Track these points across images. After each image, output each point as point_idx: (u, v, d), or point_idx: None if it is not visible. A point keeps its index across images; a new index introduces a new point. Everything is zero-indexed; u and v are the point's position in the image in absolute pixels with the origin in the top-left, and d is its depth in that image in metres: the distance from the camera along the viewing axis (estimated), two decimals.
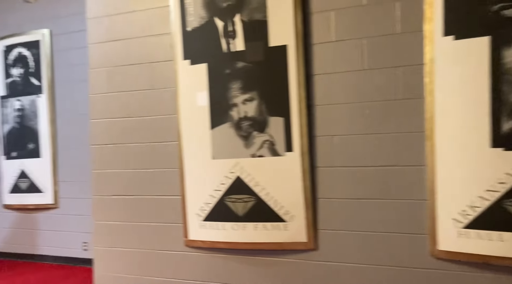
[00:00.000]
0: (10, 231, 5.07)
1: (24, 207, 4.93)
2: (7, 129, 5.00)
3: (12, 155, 4.97)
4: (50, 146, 4.78)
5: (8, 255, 5.08)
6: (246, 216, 2.61)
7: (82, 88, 4.61)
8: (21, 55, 4.85)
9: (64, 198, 4.77)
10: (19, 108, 4.91)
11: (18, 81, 4.91)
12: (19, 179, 4.93)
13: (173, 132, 2.85)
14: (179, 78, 2.80)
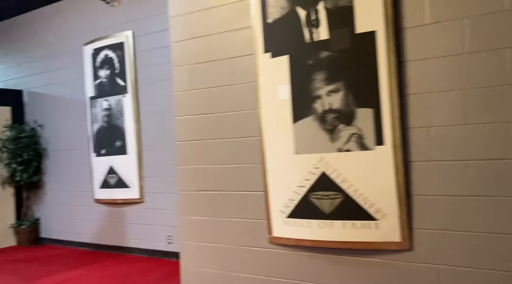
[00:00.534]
0: (100, 224, 5.41)
1: (113, 201, 5.23)
2: (96, 128, 5.33)
3: (101, 152, 5.28)
4: (135, 143, 5.00)
5: (99, 246, 5.43)
6: (333, 213, 2.49)
7: (163, 87, 4.79)
8: (108, 57, 5.13)
9: (149, 192, 4.97)
10: (106, 108, 5.20)
11: (105, 82, 5.20)
12: (108, 174, 5.24)
13: (254, 127, 2.81)
14: (259, 72, 2.74)
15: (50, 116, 5.93)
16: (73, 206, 5.69)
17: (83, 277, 4.27)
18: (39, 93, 6.03)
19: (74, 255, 5.28)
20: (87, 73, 5.38)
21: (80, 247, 5.62)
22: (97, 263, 4.79)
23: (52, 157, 5.92)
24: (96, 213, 5.44)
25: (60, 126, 5.82)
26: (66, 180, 5.77)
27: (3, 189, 5.88)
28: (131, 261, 4.81)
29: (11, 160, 5.68)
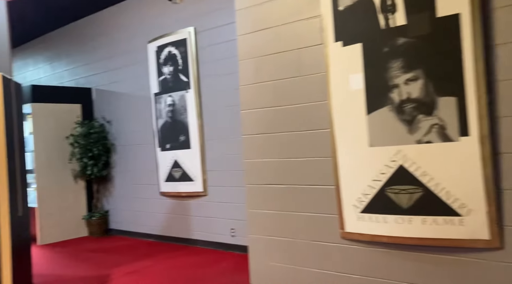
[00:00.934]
0: (165, 216, 5.58)
1: (177, 194, 5.37)
2: (161, 124, 5.48)
3: (166, 147, 5.43)
4: (198, 137, 5.09)
5: (165, 238, 5.60)
6: (411, 208, 2.36)
7: (225, 82, 4.82)
8: (171, 54, 5.25)
9: (212, 186, 5.04)
10: (170, 103, 5.33)
11: (169, 79, 5.33)
12: (172, 168, 5.38)
13: (324, 119, 2.73)
14: (330, 62, 2.66)
15: (117, 113, 6.19)
16: (139, 198, 5.92)
17: (151, 267, 4.42)
18: (106, 91, 6.31)
19: (142, 246, 5.49)
20: (151, 70, 5.54)
21: (147, 238, 5.83)
22: (164, 254, 4.94)
23: (120, 152, 6.19)
24: (162, 206, 5.61)
25: (127, 122, 6.06)
26: (133, 173, 6.01)
27: (76, 182, 6.23)
28: (196, 253, 4.91)
29: (82, 155, 6.00)
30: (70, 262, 4.82)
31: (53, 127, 6.01)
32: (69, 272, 4.41)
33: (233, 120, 4.76)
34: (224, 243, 4.93)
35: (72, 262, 4.82)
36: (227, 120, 4.84)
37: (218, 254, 4.79)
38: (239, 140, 4.71)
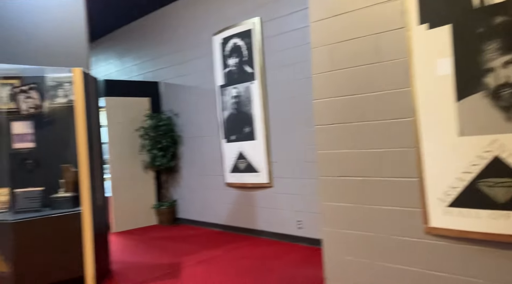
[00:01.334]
0: (232, 207, 5.64)
1: (243, 185, 5.40)
2: (226, 115, 5.53)
3: (231, 138, 5.47)
4: (263, 128, 5.07)
5: (231, 228, 5.67)
6: (509, 203, 2.16)
7: (290, 72, 4.75)
8: (236, 46, 5.26)
9: (277, 177, 5.01)
10: (235, 95, 5.35)
11: (234, 70, 5.34)
12: (238, 159, 5.41)
13: (406, 107, 2.58)
14: (413, 46, 2.49)
15: (183, 106, 6.33)
16: (206, 189, 6.03)
17: (221, 257, 4.48)
18: (173, 84, 6.47)
19: (209, 235, 5.60)
20: (217, 63, 5.59)
21: (213, 228, 5.94)
22: (231, 244, 5.00)
23: (187, 143, 6.34)
24: (228, 196, 5.68)
25: (193, 115, 6.18)
26: (199, 164, 6.13)
27: (146, 173, 6.47)
28: (263, 244, 4.92)
29: (152, 146, 6.21)
30: (142, 250, 5.02)
31: (125, 120, 6.27)
32: (142, 259, 4.59)
33: (299, 111, 4.68)
34: (290, 235, 4.89)
35: (145, 250, 5.01)
36: (293, 111, 4.76)
37: (285, 246, 4.76)
38: (305, 131, 4.64)
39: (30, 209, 3.68)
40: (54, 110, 4.00)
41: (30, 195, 3.72)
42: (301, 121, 4.69)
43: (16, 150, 3.91)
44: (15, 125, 3.91)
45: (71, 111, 3.94)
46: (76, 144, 3.70)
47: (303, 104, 4.64)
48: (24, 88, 3.83)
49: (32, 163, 3.96)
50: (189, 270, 4.09)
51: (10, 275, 3.37)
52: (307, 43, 4.51)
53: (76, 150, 3.70)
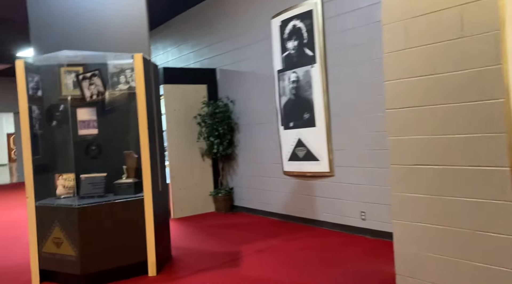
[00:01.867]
0: (289, 196, 5.49)
1: (301, 174, 5.22)
2: (284, 101, 5.35)
3: (289, 125, 5.30)
4: (323, 115, 4.84)
5: (288, 217, 5.53)
6: None
7: (354, 54, 4.47)
8: (296, 28, 5.05)
9: (339, 166, 4.78)
10: (294, 80, 5.16)
11: (293, 54, 5.14)
12: (296, 147, 5.24)
13: (495, 87, 2.26)
14: (507, 17, 2.17)
15: (240, 92, 6.24)
16: (263, 177, 5.93)
17: (279, 247, 4.36)
18: (230, 71, 6.39)
19: (266, 224, 5.50)
20: (275, 47, 5.41)
21: (270, 217, 5.84)
22: (290, 234, 4.86)
23: (243, 131, 6.25)
24: (285, 185, 5.54)
25: (250, 101, 6.07)
26: (256, 152, 6.03)
27: (203, 160, 6.47)
28: (323, 235, 4.74)
29: (209, 134, 6.18)
30: (201, 237, 5.02)
31: (182, 108, 6.29)
32: (201, 246, 4.58)
33: (364, 95, 4.41)
34: (353, 226, 4.66)
35: (203, 237, 5.01)
36: (356, 95, 4.50)
37: (347, 238, 4.54)
38: (370, 117, 4.36)
39: (94, 195, 3.74)
40: (116, 97, 4.03)
41: (94, 181, 3.79)
42: (366, 106, 4.42)
43: (81, 137, 4.00)
44: (79, 112, 3.99)
45: (132, 98, 3.96)
46: (137, 131, 3.71)
47: (369, 88, 4.36)
48: (88, 75, 3.89)
49: (95, 149, 4.03)
50: (248, 259, 4.01)
51: (76, 259, 3.46)
52: (373, 22, 4.22)
53: (138, 136, 3.71)
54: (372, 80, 4.30)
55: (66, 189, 3.85)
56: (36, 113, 3.81)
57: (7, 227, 6.34)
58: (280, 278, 3.44)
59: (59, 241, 3.55)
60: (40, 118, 3.87)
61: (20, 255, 4.62)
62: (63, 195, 3.83)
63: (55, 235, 3.57)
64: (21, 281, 3.75)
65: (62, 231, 3.54)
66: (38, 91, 3.86)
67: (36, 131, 3.78)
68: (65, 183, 3.85)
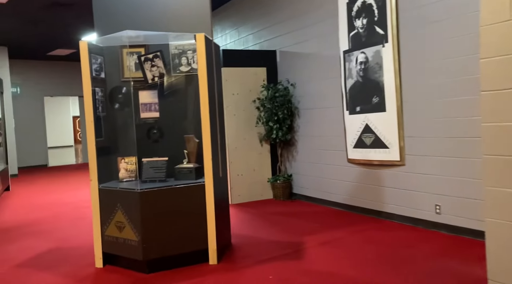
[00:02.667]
0: (353, 185, 5.17)
1: (368, 162, 4.88)
2: (350, 84, 5.00)
3: (356, 110, 4.95)
4: (394, 98, 4.45)
5: (352, 208, 5.23)
6: None
7: (432, 31, 4.03)
8: (366, 4, 4.65)
9: (411, 155, 4.39)
10: (362, 61, 4.79)
11: (362, 33, 4.76)
12: (363, 134, 4.89)
13: None
14: None
15: (301, 75, 5.95)
16: (324, 165, 5.64)
17: (344, 240, 4.09)
18: (291, 52, 6.10)
19: (328, 214, 5.23)
20: (341, 26, 5.05)
21: (332, 206, 5.56)
22: (355, 226, 4.57)
23: (303, 115, 5.97)
24: (349, 174, 5.22)
25: (311, 85, 5.77)
26: (317, 138, 5.74)
27: (261, 145, 6.29)
28: (391, 228, 4.40)
29: (268, 118, 5.97)
30: (260, 224, 4.86)
31: (241, 91, 6.12)
32: (261, 235, 4.41)
33: (443, 77, 3.97)
34: (426, 220, 4.28)
35: (262, 225, 4.84)
36: (435, 77, 4.06)
37: (419, 232, 4.18)
38: (450, 101, 3.92)
39: (156, 179, 3.67)
40: (178, 80, 3.91)
41: (156, 165, 3.71)
42: (446, 89, 3.98)
43: (143, 120, 3.93)
44: (141, 94, 3.91)
45: (194, 80, 3.82)
46: (198, 114, 3.57)
47: (451, 68, 3.91)
48: (149, 57, 3.79)
49: (157, 133, 3.95)
50: (312, 251, 3.78)
51: (138, 244, 3.41)
52: None
53: (199, 120, 3.57)
54: (454, 60, 3.85)
55: (128, 173, 3.81)
56: (99, 95, 3.78)
57: (74, 208, 6.57)
58: (353, 275, 3.17)
59: (122, 225, 3.52)
60: (103, 101, 3.84)
61: (84, 236, 4.71)
62: (125, 179, 3.80)
63: (118, 219, 3.54)
64: (85, 263, 3.78)
65: (124, 215, 3.50)
66: (101, 73, 3.83)
67: (99, 114, 3.75)
68: (127, 166, 3.81)
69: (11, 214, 6.25)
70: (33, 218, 5.89)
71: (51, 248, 4.30)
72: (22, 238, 4.80)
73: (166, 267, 3.50)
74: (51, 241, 4.58)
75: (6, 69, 10.92)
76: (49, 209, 6.48)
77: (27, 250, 4.27)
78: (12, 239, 4.78)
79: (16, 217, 5.98)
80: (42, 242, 4.56)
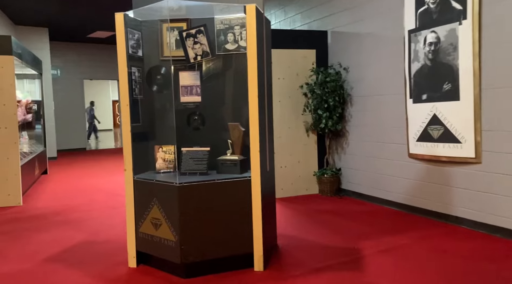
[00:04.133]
0: (415, 183, 4.57)
1: (434, 158, 4.26)
2: (416, 68, 4.37)
3: (422, 98, 4.33)
4: (472, 85, 3.81)
5: (412, 209, 4.64)
6: None
7: None
8: None
9: (489, 151, 3.75)
10: (433, 41, 4.14)
11: (433, 9, 4.11)
12: (429, 125, 4.27)
13: None
14: None
15: (355, 58, 5.34)
16: (379, 159, 5.05)
17: (408, 247, 3.54)
18: (344, 33, 5.50)
19: (385, 214, 4.67)
20: (407, 1, 4.41)
21: (387, 206, 4.98)
22: (418, 231, 4.00)
23: (357, 103, 5.38)
24: (410, 170, 4.62)
25: (368, 69, 5.16)
26: (371, 129, 5.15)
27: (307, 136, 5.76)
28: (463, 236, 3.80)
29: (317, 106, 5.43)
30: (308, 224, 4.37)
31: (287, 76, 5.59)
32: (310, 237, 3.92)
33: None
34: (505, 228, 3.65)
35: (310, 224, 4.35)
36: None
37: (502, 243, 3.56)
38: None
39: (196, 171, 3.24)
40: (223, 59, 3.44)
41: (197, 156, 3.28)
42: None
43: (183, 104, 3.50)
44: (182, 76, 3.48)
45: (241, 60, 3.34)
46: (246, 100, 3.09)
47: None
48: (192, 32, 3.33)
49: (198, 119, 3.52)
50: (372, 261, 3.26)
51: (175, 244, 3.00)
52: None
53: (246, 106, 3.09)
54: None
55: (166, 163, 3.40)
56: (136, 76, 3.38)
57: (110, 194, 6.31)
58: None
59: (158, 222, 3.13)
60: (140, 82, 3.43)
61: (118, 229, 4.39)
62: (162, 170, 3.39)
63: (154, 215, 3.15)
64: (117, 260, 3.43)
65: (161, 211, 3.10)
66: (139, 51, 3.41)
67: (136, 97, 3.35)
68: (165, 156, 3.41)
69: (46, 199, 6.06)
70: (67, 204, 5.66)
71: (82, 241, 4.00)
72: (54, 227, 4.54)
73: (206, 272, 3.09)
74: (83, 233, 4.28)
75: (47, 51, 10.85)
76: (84, 195, 6.25)
77: (58, 242, 3.99)
78: (44, 227, 4.53)
79: (51, 203, 5.77)
80: (75, 233, 4.27)
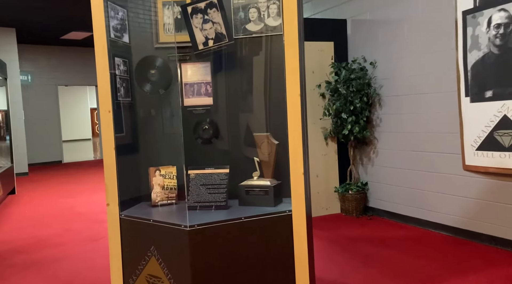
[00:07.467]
0: (475, 202, 3.68)
1: (503, 171, 3.38)
2: (475, 59, 3.49)
3: (484, 96, 3.45)
4: None
5: (470, 234, 3.74)
6: None
7: None
8: None
9: None
10: (501, 23, 3.27)
11: None
12: (495, 130, 3.39)
13: None
14: None
15: (384, 51, 4.44)
16: (422, 172, 4.15)
17: None
18: (368, 21, 4.60)
19: (436, 242, 3.75)
20: None
21: (434, 229, 4.07)
22: (491, 266, 3.09)
23: (387, 105, 4.48)
24: (468, 186, 3.72)
25: (401, 63, 4.26)
26: (409, 136, 4.25)
27: (326, 144, 4.83)
28: None
29: (340, 109, 4.50)
30: (345, 260, 3.41)
31: None
32: (356, 281, 2.97)
33: None
34: None
35: (350, 260, 3.40)
36: None
37: None
38: None
39: (211, 203, 2.26)
40: (243, 44, 2.47)
41: (211, 181, 2.30)
42: None
43: (187, 109, 2.52)
44: (186, 69, 2.50)
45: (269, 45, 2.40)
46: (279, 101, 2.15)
47: None
48: (200, 6, 2.35)
49: (209, 128, 2.53)
50: None
51: None
52: None
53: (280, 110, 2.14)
54: None
55: (165, 192, 2.41)
56: (121, 70, 2.38)
57: (89, 221, 5.24)
58: None
59: (157, 282, 2.13)
60: (127, 79, 2.44)
61: (101, 272, 3.35)
62: (161, 202, 2.40)
63: (151, 271, 2.15)
64: None
65: (162, 267, 2.10)
66: (124, 35, 2.42)
67: (120, 99, 2.36)
68: (164, 181, 2.42)
69: (8, 229, 4.95)
70: (35, 236, 4.57)
71: None
72: (13, 274, 3.47)
73: None
74: (52, 281, 3.23)
75: (14, 53, 9.66)
76: (57, 222, 5.16)
77: None
78: (2, 273, 3.45)
79: (13, 235, 4.67)
80: (40, 282, 3.21)
